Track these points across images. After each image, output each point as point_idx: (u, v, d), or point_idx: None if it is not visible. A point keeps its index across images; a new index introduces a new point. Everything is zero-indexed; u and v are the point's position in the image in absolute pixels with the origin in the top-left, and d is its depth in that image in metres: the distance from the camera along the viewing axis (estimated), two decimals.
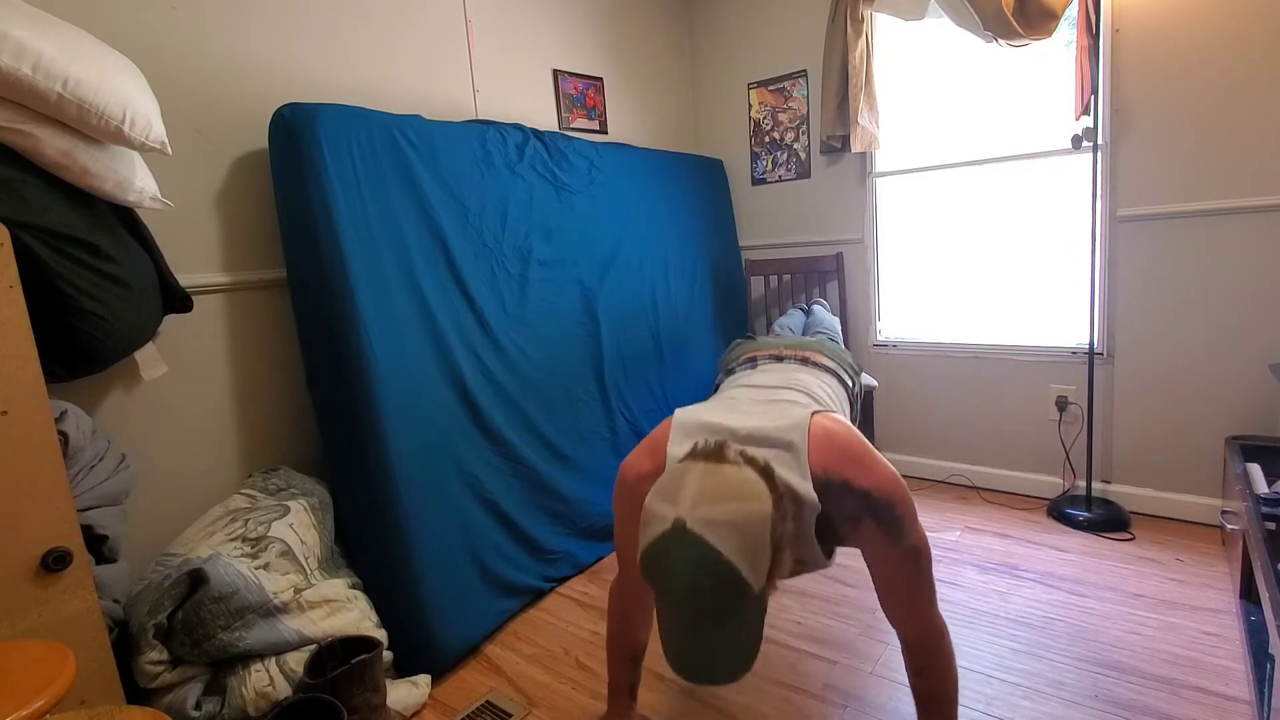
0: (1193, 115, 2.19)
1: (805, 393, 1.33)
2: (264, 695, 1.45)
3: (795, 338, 1.67)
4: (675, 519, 0.93)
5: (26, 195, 1.21)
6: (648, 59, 3.17)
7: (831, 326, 2.27)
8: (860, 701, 1.59)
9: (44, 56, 1.16)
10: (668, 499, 0.97)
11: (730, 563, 0.90)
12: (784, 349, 1.55)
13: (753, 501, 0.96)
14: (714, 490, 0.96)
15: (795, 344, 1.57)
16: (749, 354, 1.58)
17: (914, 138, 2.84)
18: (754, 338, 1.68)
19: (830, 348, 1.60)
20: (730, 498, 0.95)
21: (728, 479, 0.98)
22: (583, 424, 2.39)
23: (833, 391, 1.43)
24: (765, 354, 1.55)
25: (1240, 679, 1.57)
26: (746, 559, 0.92)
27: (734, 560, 0.91)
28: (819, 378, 1.45)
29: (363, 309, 1.74)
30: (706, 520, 0.92)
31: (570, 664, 1.80)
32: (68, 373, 1.37)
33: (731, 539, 0.91)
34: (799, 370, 1.46)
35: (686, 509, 0.94)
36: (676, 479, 1.00)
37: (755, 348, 1.60)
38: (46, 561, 1.11)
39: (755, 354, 1.56)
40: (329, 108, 1.79)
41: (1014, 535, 2.36)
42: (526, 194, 2.31)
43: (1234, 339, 2.22)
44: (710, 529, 0.92)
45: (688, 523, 0.92)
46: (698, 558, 0.91)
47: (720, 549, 0.91)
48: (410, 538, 1.74)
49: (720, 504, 0.94)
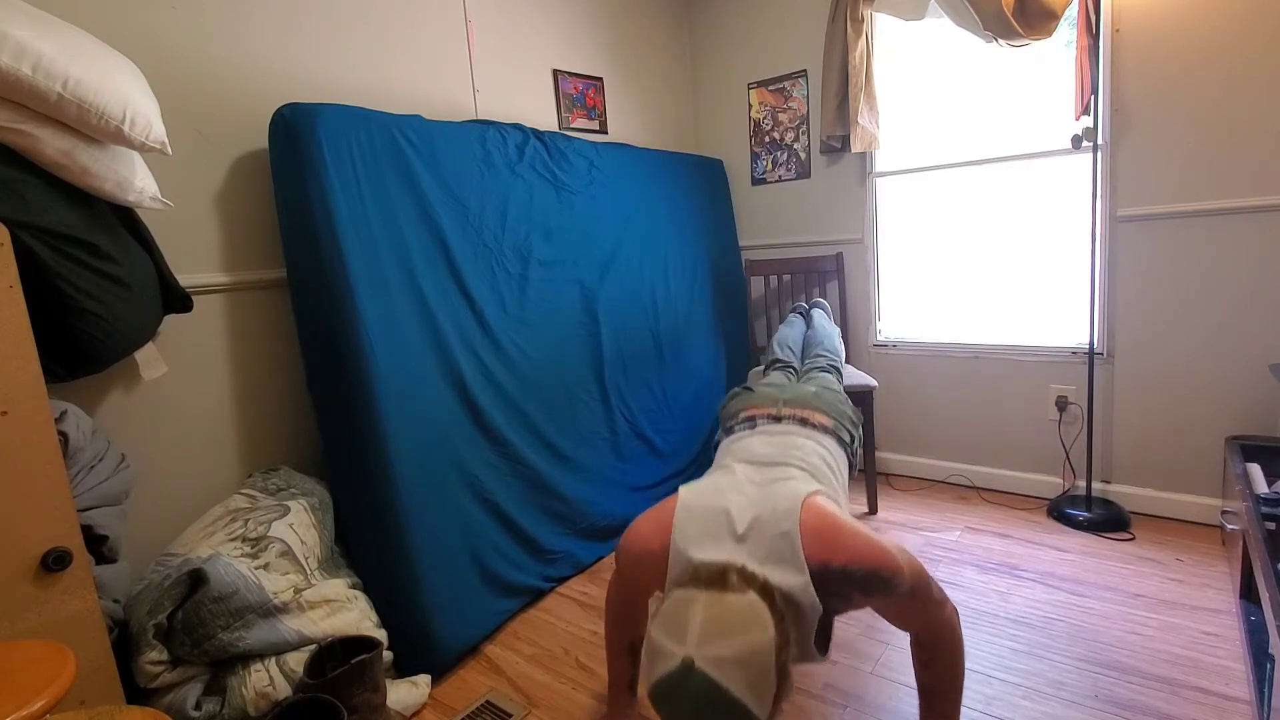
0: (1193, 115, 2.20)
1: (801, 467, 1.34)
2: (264, 695, 1.45)
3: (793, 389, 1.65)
4: (684, 658, 0.96)
5: (26, 195, 1.21)
6: (648, 59, 3.17)
7: (832, 347, 2.22)
8: (860, 701, 1.59)
9: (44, 56, 1.16)
10: (674, 636, 0.99)
11: (739, 700, 0.94)
12: (783, 406, 1.54)
13: (757, 632, 0.98)
14: (718, 624, 0.98)
15: (794, 400, 1.56)
16: (748, 412, 1.57)
17: (914, 138, 2.84)
18: (752, 390, 1.67)
19: (829, 401, 1.58)
20: (735, 632, 0.97)
21: (731, 610, 1.00)
22: (583, 424, 2.39)
23: (830, 455, 1.44)
24: (764, 413, 1.54)
25: (1240, 679, 1.57)
26: (753, 692, 0.95)
27: (742, 696, 0.94)
28: (817, 440, 1.45)
29: (363, 309, 1.74)
30: (714, 659, 0.95)
31: (570, 664, 1.80)
32: (68, 373, 1.37)
33: (738, 674, 0.94)
34: (797, 434, 1.46)
35: (693, 647, 0.96)
36: (681, 613, 1.02)
37: (754, 403, 1.59)
38: (46, 561, 1.11)
39: (754, 413, 1.55)
40: (329, 108, 1.79)
41: (1014, 535, 2.36)
42: (526, 194, 2.31)
43: (1234, 339, 2.22)
44: (717, 667, 0.94)
45: (696, 662, 0.95)
46: (707, 697, 0.94)
47: (729, 687, 0.93)
48: (410, 538, 1.74)
49: (726, 640, 0.96)
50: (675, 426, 2.79)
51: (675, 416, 2.80)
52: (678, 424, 2.80)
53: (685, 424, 2.84)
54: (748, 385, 1.72)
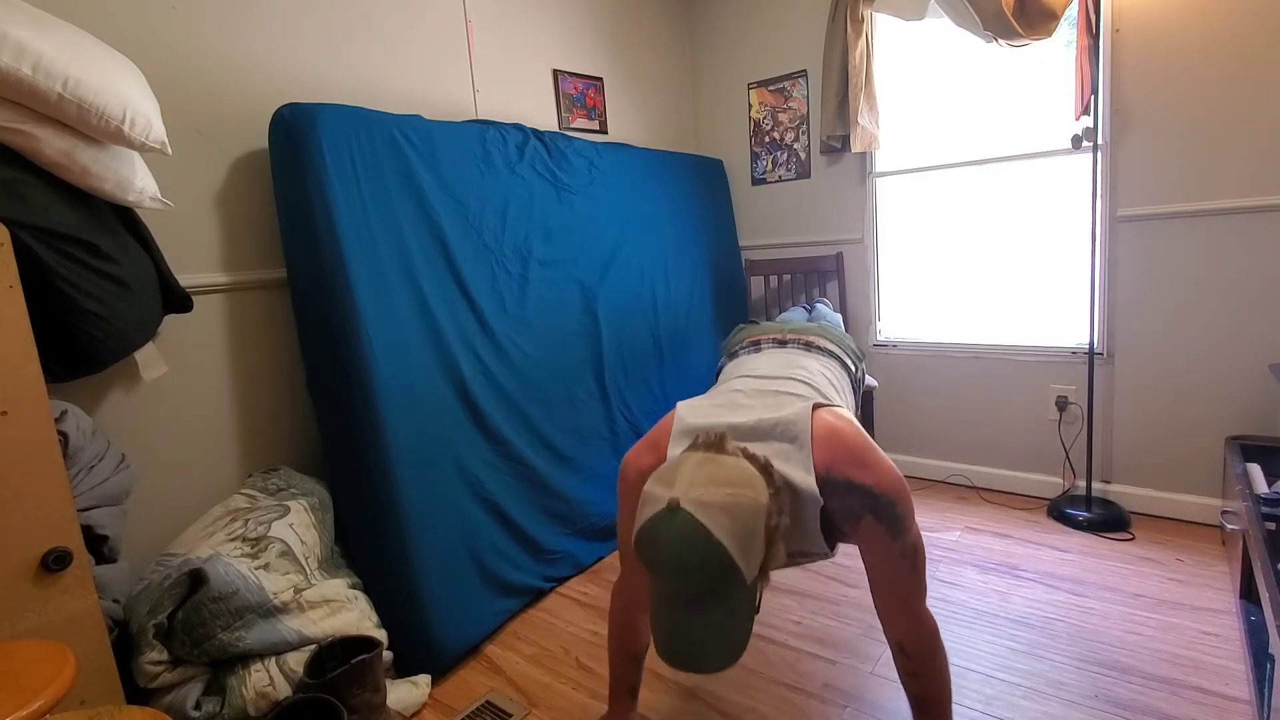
0: (1193, 115, 2.19)
1: (807, 382, 1.33)
2: (264, 695, 1.45)
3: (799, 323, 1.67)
4: (670, 499, 0.95)
5: (26, 195, 1.21)
6: (648, 59, 3.17)
7: (834, 322, 2.28)
8: (860, 701, 1.59)
9: (44, 56, 1.16)
10: (664, 482, 0.99)
11: (720, 543, 0.92)
12: (787, 333, 1.55)
13: (748, 489, 0.98)
14: (710, 475, 0.98)
15: (799, 328, 1.58)
16: (752, 338, 1.58)
17: (914, 138, 2.83)
18: (757, 322, 1.69)
19: (834, 333, 1.61)
20: (726, 483, 0.97)
21: (725, 467, 1.00)
22: (583, 424, 2.39)
23: (835, 377, 1.43)
24: (768, 338, 1.55)
25: (1240, 679, 1.57)
26: (737, 542, 0.93)
27: (724, 541, 0.92)
28: (822, 362, 1.45)
29: (363, 309, 1.74)
30: (700, 501, 0.94)
31: (570, 664, 1.80)
32: (68, 373, 1.37)
33: (723, 520, 0.93)
34: (802, 355, 1.46)
35: (682, 490, 0.96)
36: (675, 465, 1.02)
37: (759, 331, 1.60)
38: (46, 561, 1.11)
39: (759, 338, 1.57)
40: (329, 108, 1.79)
41: (1014, 535, 2.36)
42: (526, 194, 2.31)
43: (1234, 339, 2.22)
44: (703, 509, 0.93)
45: (681, 502, 0.94)
46: (688, 535, 0.92)
47: (712, 529, 0.92)
48: (410, 538, 1.74)
49: (716, 488, 0.96)
50: None
51: None
52: None
53: None
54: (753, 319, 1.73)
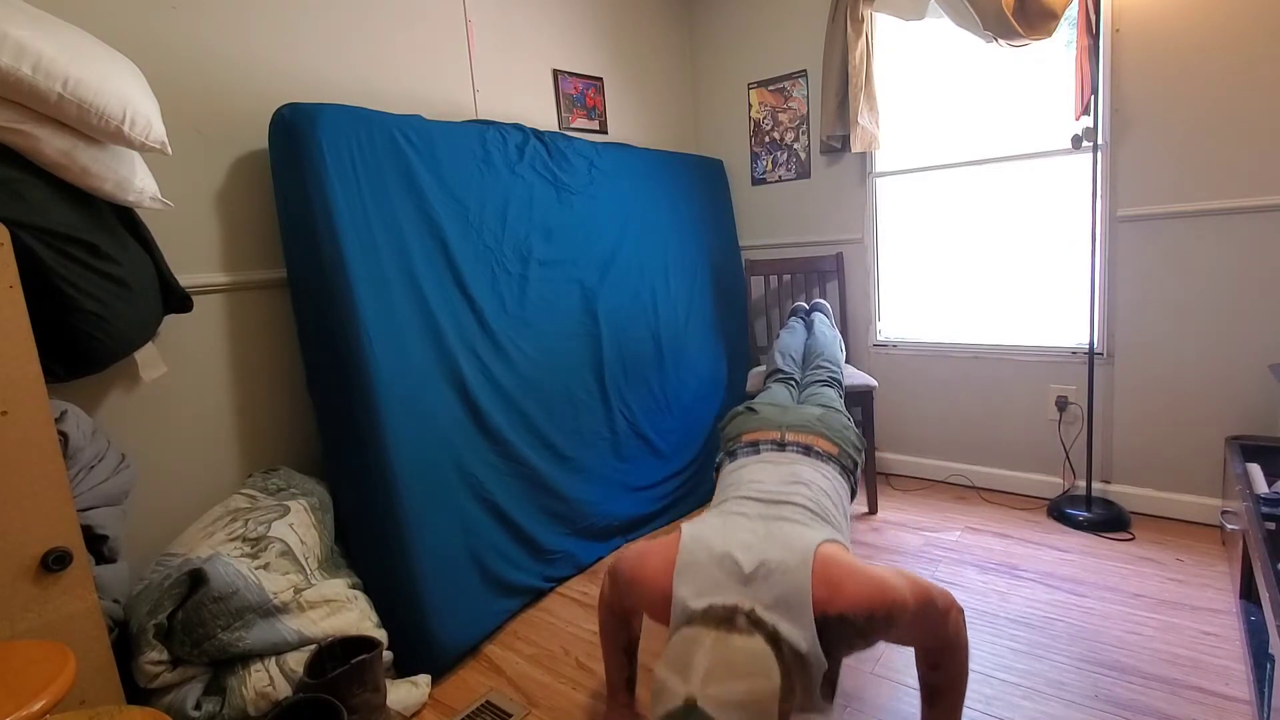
0: (1193, 115, 2.19)
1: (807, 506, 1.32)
2: (264, 695, 1.45)
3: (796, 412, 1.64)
4: (686, 696, 0.96)
5: (26, 195, 1.21)
6: (648, 59, 3.17)
7: (833, 357, 2.21)
8: (860, 701, 1.59)
9: (44, 56, 1.16)
10: (679, 674, 0.99)
11: None
12: (787, 433, 1.54)
13: (761, 680, 0.98)
14: (724, 667, 0.99)
15: (798, 425, 1.56)
16: (751, 435, 1.56)
17: (914, 138, 2.83)
18: (754, 410, 1.67)
19: (834, 427, 1.59)
20: (739, 676, 0.98)
21: (737, 653, 1.00)
22: (583, 424, 2.39)
23: (834, 486, 1.44)
24: (767, 439, 1.54)
25: (1240, 679, 1.57)
26: None
27: None
28: (821, 471, 1.45)
29: (363, 309, 1.74)
30: (717, 700, 0.95)
31: (570, 664, 1.80)
32: (68, 373, 1.37)
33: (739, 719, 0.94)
34: (801, 464, 1.45)
35: (697, 686, 0.96)
36: (687, 651, 1.02)
37: (758, 425, 1.58)
38: (46, 561, 1.11)
39: (757, 437, 1.55)
40: (329, 108, 1.79)
41: (1014, 535, 2.36)
42: (526, 194, 2.31)
43: (1234, 339, 2.22)
44: (719, 709, 0.95)
45: (699, 702, 0.95)
46: None
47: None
48: (410, 538, 1.74)
49: (729, 683, 0.97)
50: (675, 426, 2.79)
51: (675, 416, 2.80)
52: (678, 424, 2.80)
53: (685, 424, 2.84)
54: (750, 406, 1.72)
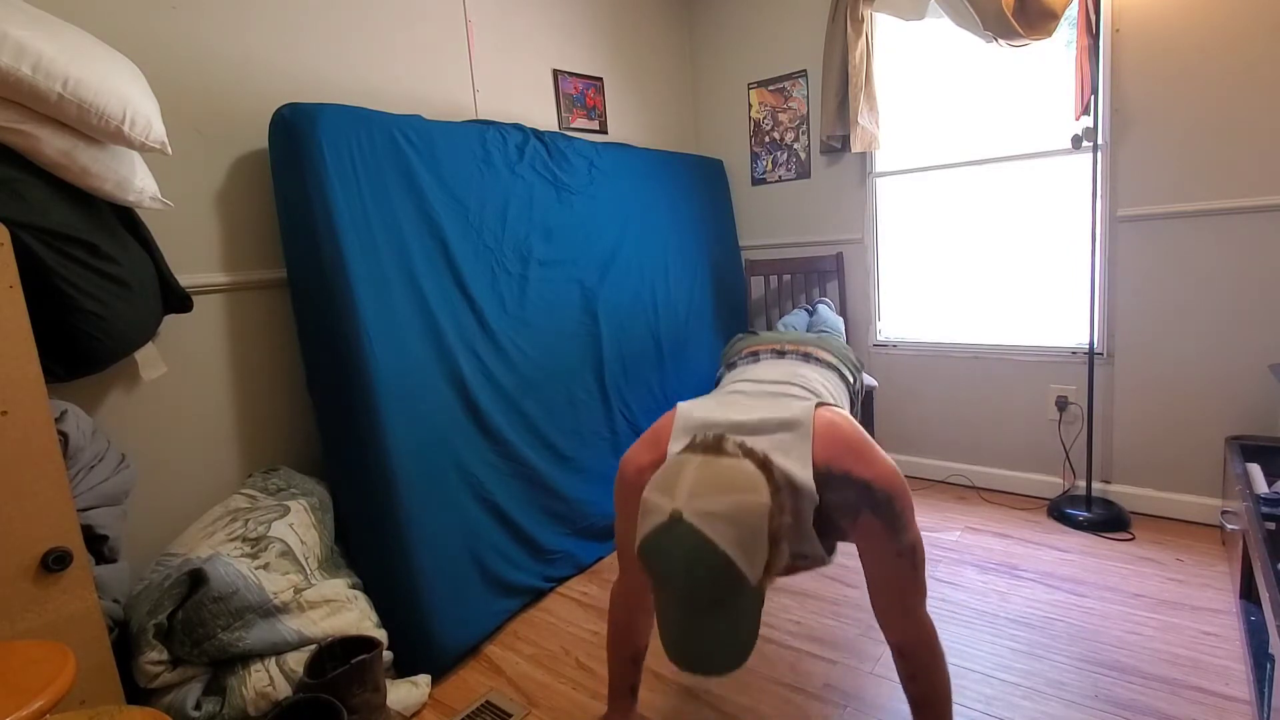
0: (1193, 115, 2.19)
1: (806, 387, 1.34)
2: (264, 695, 1.45)
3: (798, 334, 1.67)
4: (672, 510, 0.94)
5: (26, 195, 1.21)
6: (648, 59, 3.17)
7: (835, 326, 2.29)
8: (860, 701, 1.59)
9: (44, 56, 1.16)
10: (665, 490, 0.98)
11: (726, 554, 0.92)
12: (786, 344, 1.55)
13: (750, 494, 0.97)
14: (711, 482, 0.97)
15: (797, 340, 1.58)
16: (751, 348, 1.59)
17: (914, 138, 2.83)
18: (756, 333, 1.69)
19: (833, 344, 1.61)
20: (727, 490, 0.96)
21: (725, 471, 0.99)
22: (583, 424, 2.39)
23: (834, 387, 1.44)
24: (767, 349, 1.55)
25: (1240, 679, 1.57)
26: (742, 551, 0.93)
27: (730, 552, 0.92)
28: (820, 373, 1.45)
29: (363, 309, 1.74)
30: (703, 512, 0.93)
31: (570, 664, 1.80)
32: (68, 373, 1.37)
33: (728, 531, 0.93)
34: (800, 365, 1.46)
35: (683, 500, 0.95)
36: (674, 471, 1.01)
37: (757, 342, 1.61)
38: (46, 561, 1.11)
39: (757, 348, 1.57)
40: (329, 108, 1.79)
41: (1014, 535, 2.36)
42: (526, 194, 2.31)
43: (1234, 339, 2.22)
44: (706, 521, 0.93)
45: (684, 514, 0.93)
46: (694, 549, 0.92)
47: (716, 541, 0.92)
48: (410, 538, 1.74)
49: (717, 496, 0.95)
50: None
51: None
52: None
53: None
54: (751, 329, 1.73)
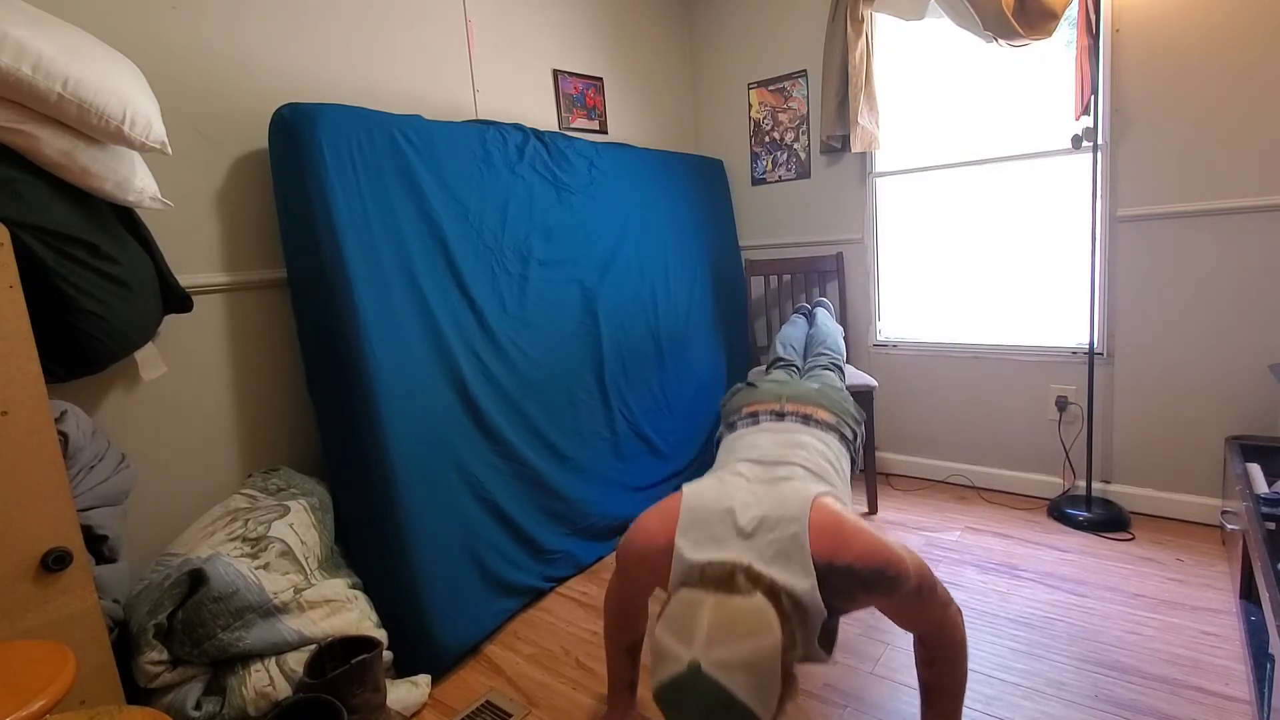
0: (1193, 115, 2.19)
1: (805, 466, 1.34)
2: (264, 695, 1.45)
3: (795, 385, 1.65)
4: (690, 661, 0.96)
5: (26, 195, 1.21)
6: (648, 59, 3.17)
7: (835, 345, 2.23)
8: (860, 701, 1.59)
9: (44, 56, 1.16)
10: (681, 638, 0.99)
11: (745, 704, 0.94)
12: (786, 404, 1.54)
13: (763, 636, 0.98)
14: (726, 628, 0.98)
15: (797, 397, 1.56)
16: (750, 407, 1.57)
17: (914, 138, 2.83)
18: (754, 385, 1.67)
19: (832, 398, 1.59)
20: (742, 635, 0.98)
21: (738, 613, 1.00)
22: (583, 424, 2.39)
23: (833, 453, 1.44)
24: (766, 410, 1.54)
25: (1240, 679, 1.57)
26: (759, 696, 0.95)
27: (749, 701, 0.94)
28: (820, 437, 1.45)
29: (363, 309, 1.74)
30: (720, 662, 0.95)
31: (570, 664, 1.80)
32: (68, 373, 1.37)
33: (745, 680, 0.95)
34: (800, 431, 1.46)
35: (700, 650, 0.96)
36: (688, 614, 1.02)
37: (757, 399, 1.58)
38: (46, 561, 1.11)
39: (756, 409, 1.55)
40: (329, 108, 1.79)
41: (1014, 535, 2.36)
42: (526, 194, 2.31)
43: (1234, 339, 2.22)
44: (724, 671, 0.95)
45: (702, 665, 0.95)
46: (713, 702, 0.94)
47: (735, 692, 0.94)
48: (410, 538, 1.74)
49: (733, 644, 0.97)
50: (675, 426, 2.79)
51: (675, 416, 2.80)
52: (678, 424, 2.80)
53: (685, 424, 2.84)
54: (750, 381, 1.72)
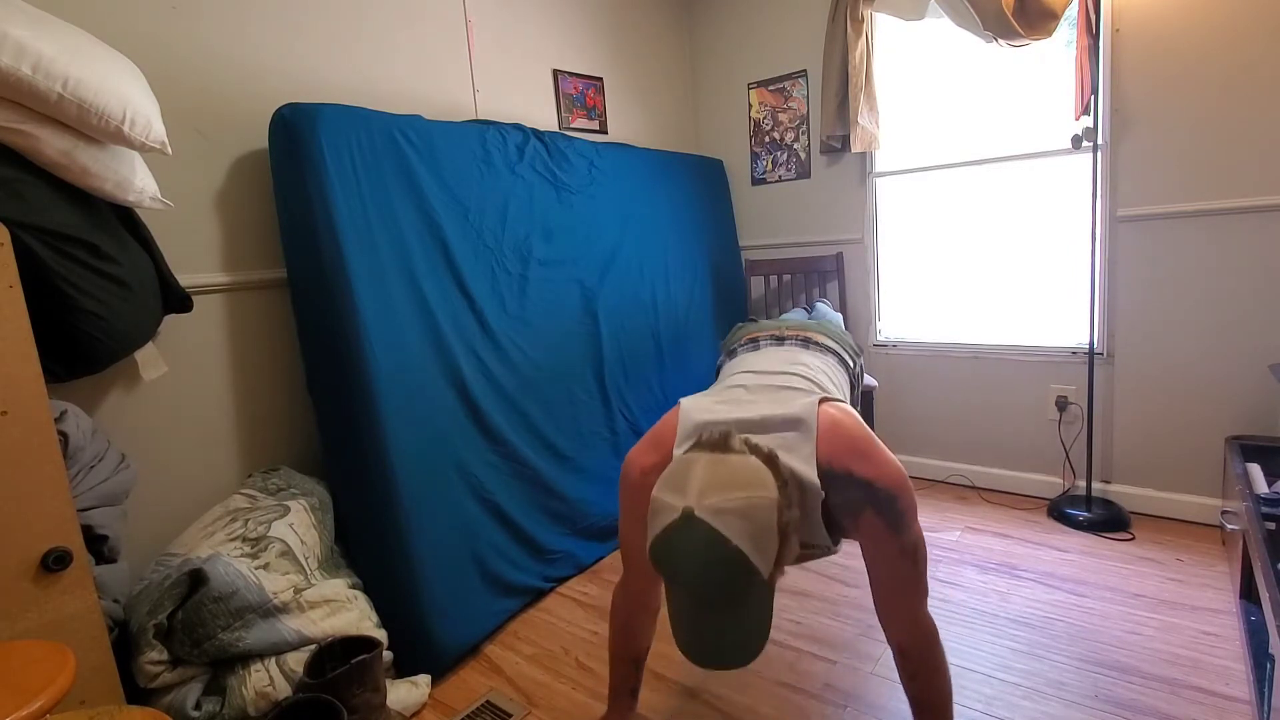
0: (1193, 115, 2.19)
1: (808, 378, 1.34)
2: (264, 695, 1.45)
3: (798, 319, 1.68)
4: (684, 508, 0.95)
5: (26, 195, 1.21)
6: (648, 59, 3.17)
7: (835, 321, 2.29)
8: (860, 701, 1.59)
9: (44, 56, 1.16)
10: (675, 489, 0.99)
11: (739, 549, 0.93)
12: (785, 330, 1.55)
13: (759, 489, 0.98)
14: (721, 479, 0.98)
15: (797, 325, 1.58)
16: (751, 335, 1.59)
17: (914, 138, 2.83)
18: (756, 320, 1.69)
19: (831, 329, 1.61)
20: (737, 486, 0.97)
21: (734, 467, 1.00)
22: (583, 424, 2.39)
23: (834, 373, 1.44)
24: (766, 335, 1.55)
25: (1240, 679, 1.57)
26: (754, 544, 0.94)
27: (742, 546, 0.93)
28: (820, 358, 1.45)
29: (363, 309, 1.74)
30: (714, 508, 0.94)
31: (570, 664, 1.80)
32: (68, 373, 1.37)
33: (739, 526, 0.94)
34: (800, 351, 1.46)
35: (694, 498, 0.96)
36: (683, 469, 1.02)
37: (757, 329, 1.61)
38: (46, 561, 1.11)
39: (757, 335, 1.57)
40: (329, 108, 1.79)
41: (1014, 535, 2.36)
42: (526, 194, 2.31)
43: (1234, 339, 2.22)
44: (718, 517, 0.94)
45: (696, 511, 0.94)
46: (707, 545, 0.93)
47: (729, 536, 0.93)
48: (410, 538, 1.74)
49: (727, 492, 0.96)
50: None
51: None
52: None
53: None
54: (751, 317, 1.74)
